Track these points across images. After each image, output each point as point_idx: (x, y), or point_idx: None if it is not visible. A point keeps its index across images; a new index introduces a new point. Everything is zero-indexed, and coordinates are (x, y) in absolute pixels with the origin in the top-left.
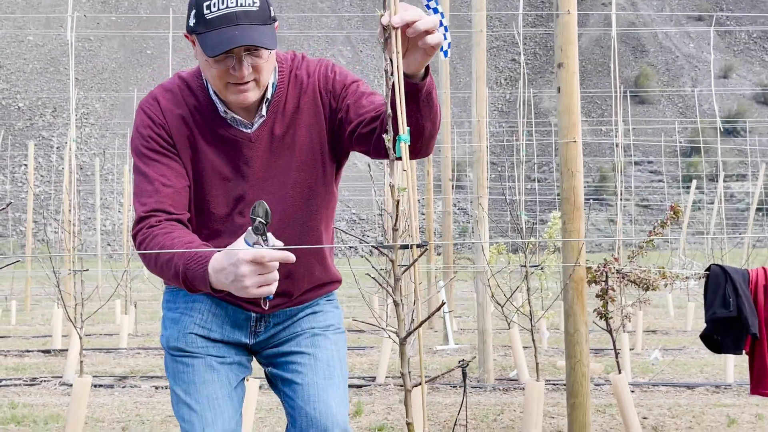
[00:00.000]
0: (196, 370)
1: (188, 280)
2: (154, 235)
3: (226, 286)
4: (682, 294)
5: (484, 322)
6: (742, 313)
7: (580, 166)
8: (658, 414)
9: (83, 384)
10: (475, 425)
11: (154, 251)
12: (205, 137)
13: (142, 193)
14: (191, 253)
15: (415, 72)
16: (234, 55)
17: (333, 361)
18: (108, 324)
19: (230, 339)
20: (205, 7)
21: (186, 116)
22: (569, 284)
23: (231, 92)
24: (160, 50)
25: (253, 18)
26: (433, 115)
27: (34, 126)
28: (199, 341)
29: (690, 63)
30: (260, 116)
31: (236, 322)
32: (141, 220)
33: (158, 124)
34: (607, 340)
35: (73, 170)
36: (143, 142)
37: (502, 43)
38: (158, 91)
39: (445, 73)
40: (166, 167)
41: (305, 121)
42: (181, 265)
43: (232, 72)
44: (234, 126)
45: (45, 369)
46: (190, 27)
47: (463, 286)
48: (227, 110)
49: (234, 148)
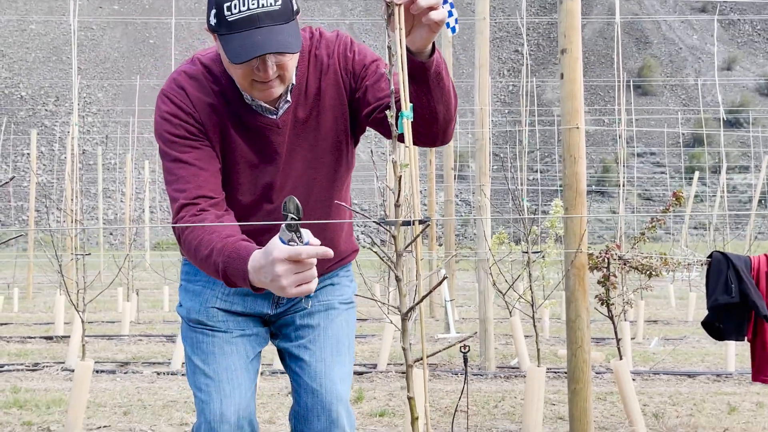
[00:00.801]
0: (216, 342)
1: (229, 278)
2: (193, 228)
3: (266, 285)
4: (683, 285)
5: (485, 310)
6: (749, 298)
7: (582, 152)
8: (659, 402)
9: (85, 368)
10: (475, 411)
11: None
12: (234, 125)
13: (178, 179)
14: (231, 251)
15: (421, 48)
16: (258, 57)
17: (342, 336)
18: (110, 311)
19: (252, 311)
20: (225, 8)
21: (215, 104)
22: (571, 270)
23: (256, 89)
24: (162, 39)
25: (276, 18)
26: (446, 98)
27: (36, 115)
28: (221, 315)
29: (693, 54)
30: (285, 101)
31: (259, 295)
32: (182, 207)
33: (188, 112)
34: (609, 330)
35: (75, 155)
36: (172, 129)
37: (506, 34)
38: (183, 78)
39: (448, 63)
40: (199, 151)
41: (328, 103)
42: (220, 262)
43: (257, 72)
44: (260, 113)
45: (47, 355)
46: (211, 25)
47: (465, 276)
48: (252, 98)
49: (261, 134)
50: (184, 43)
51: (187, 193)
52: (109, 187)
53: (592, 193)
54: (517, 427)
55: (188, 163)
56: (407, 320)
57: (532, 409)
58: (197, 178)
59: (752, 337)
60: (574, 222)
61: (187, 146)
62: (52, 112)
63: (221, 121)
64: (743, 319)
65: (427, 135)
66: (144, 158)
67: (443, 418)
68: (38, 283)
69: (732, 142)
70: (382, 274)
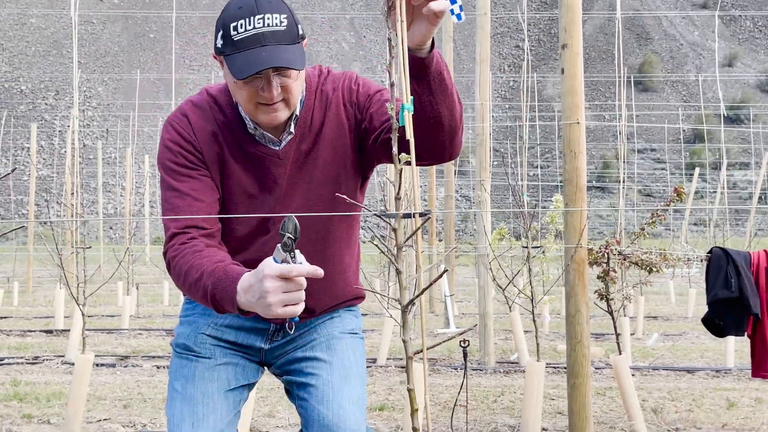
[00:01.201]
0: (198, 367)
1: (217, 300)
2: (184, 253)
3: (253, 305)
4: (683, 281)
5: (485, 305)
6: (744, 294)
7: (583, 147)
8: (658, 397)
9: (85, 361)
10: (475, 406)
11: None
12: (234, 154)
13: (172, 208)
14: (220, 273)
15: (420, 44)
16: (262, 76)
17: (349, 362)
18: (110, 306)
19: (244, 342)
20: (232, 29)
21: (216, 132)
22: (571, 265)
23: (261, 113)
24: (162, 33)
25: (281, 38)
26: (449, 102)
27: (36, 109)
28: (209, 341)
29: (695, 51)
30: (288, 133)
31: (253, 329)
32: (173, 236)
33: (188, 140)
34: (608, 326)
35: (75, 148)
36: (172, 158)
37: (506, 30)
38: (187, 106)
39: (448, 59)
40: (197, 181)
41: (329, 135)
42: (210, 284)
43: (261, 93)
44: (262, 143)
45: (47, 348)
46: (218, 48)
47: (465, 271)
48: (256, 127)
49: (262, 165)
50: (184, 37)
51: (180, 222)
52: (109, 182)
53: (593, 189)
54: (516, 422)
55: (184, 193)
56: (407, 313)
57: (532, 403)
58: (191, 208)
59: (752, 333)
60: (574, 217)
61: (186, 176)
62: (52, 106)
63: (222, 149)
64: (743, 315)
65: (434, 147)
66: (144, 152)
67: (443, 412)
68: (38, 277)
69: (732, 139)
70: (382, 269)
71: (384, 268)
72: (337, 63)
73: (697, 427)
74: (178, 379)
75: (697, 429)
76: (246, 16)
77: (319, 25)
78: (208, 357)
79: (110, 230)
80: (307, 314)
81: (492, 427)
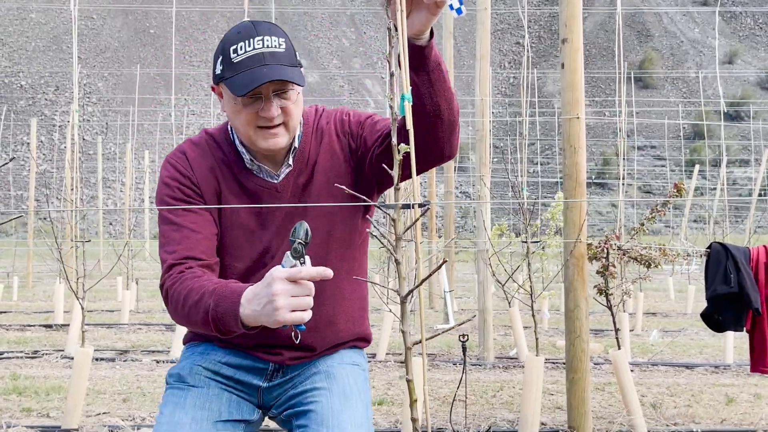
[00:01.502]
0: (189, 395)
1: (219, 318)
2: (183, 279)
3: (258, 314)
4: (682, 278)
5: (484, 301)
6: (744, 289)
7: (582, 142)
8: (657, 392)
9: (85, 354)
10: (474, 401)
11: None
12: (231, 189)
13: (170, 241)
14: (222, 289)
15: (419, 33)
16: (263, 96)
17: (350, 388)
18: (110, 301)
19: (242, 379)
20: (231, 51)
21: (213, 167)
22: (570, 260)
23: (261, 137)
24: (163, 29)
25: (281, 58)
26: (448, 95)
27: (36, 104)
28: (204, 374)
29: (695, 48)
30: (287, 166)
31: (252, 368)
32: (170, 267)
33: (185, 175)
34: (608, 322)
35: (75, 142)
36: (170, 192)
37: (507, 26)
38: (186, 145)
39: (449, 55)
40: (195, 215)
41: (323, 166)
42: (211, 302)
43: (261, 114)
44: (260, 176)
45: (47, 343)
46: (218, 75)
47: (464, 267)
48: (253, 159)
49: (259, 199)
50: (184, 32)
51: (177, 254)
52: (109, 177)
53: (593, 185)
54: (515, 416)
55: (182, 226)
56: (406, 303)
57: (531, 398)
58: (189, 240)
59: (750, 328)
60: (573, 212)
61: (183, 210)
62: (52, 101)
63: (220, 184)
64: (742, 310)
65: (434, 144)
66: (144, 148)
67: (442, 407)
68: (38, 273)
69: (733, 136)
70: (382, 265)
71: (384, 264)
72: (337, 59)
73: (696, 422)
74: (167, 405)
75: (695, 424)
76: (245, 39)
77: (319, 21)
78: (201, 387)
79: (110, 226)
80: (308, 353)
81: (491, 421)
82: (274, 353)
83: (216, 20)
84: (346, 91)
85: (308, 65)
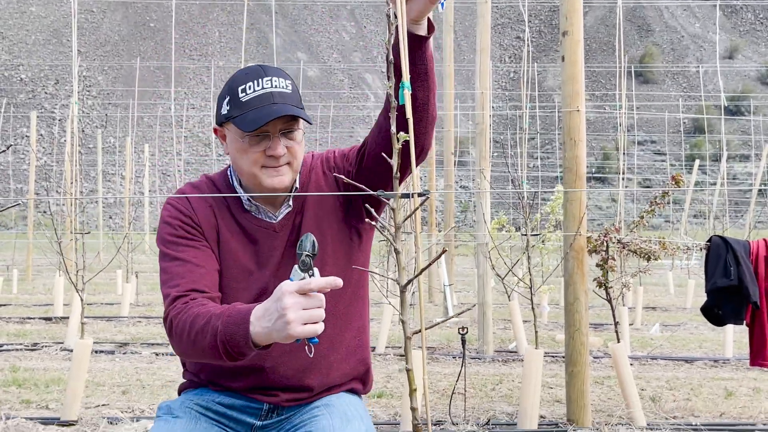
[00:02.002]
0: (178, 422)
1: (227, 340)
2: (188, 308)
3: (270, 330)
4: (682, 273)
5: (484, 294)
6: (743, 282)
7: (582, 135)
8: (657, 386)
9: (84, 346)
10: (473, 394)
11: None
12: (230, 229)
13: (173, 276)
14: (230, 311)
15: (418, 17)
16: (270, 134)
17: (351, 413)
18: (110, 294)
19: (234, 416)
20: (240, 91)
21: (213, 208)
22: (570, 253)
23: (266, 175)
24: (162, 22)
25: (288, 99)
26: (434, 90)
27: (36, 98)
28: (195, 408)
29: (695, 43)
30: (287, 206)
31: (246, 408)
32: (174, 300)
33: (186, 214)
34: (607, 316)
35: (75, 134)
36: (172, 231)
37: (507, 20)
38: (186, 187)
39: (449, 49)
40: (198, 251)
41: (312, 204)
42: (219, 325)
43: (269, 152)
44: (258, 216)
45: (46, 335)
46: (224, 115)
47: (464, 261)
48: (250, 200)
49: (257, 239)
50: (184, 26)
51: (181, 287)
52: (109, 170)
53: (592, 180)
54: (514, 410)
55: (185, 261)
56: (405, 293)
57: (530, 391)
58: (192, 274)
59: (750, 322)
60: (573, 205)
61: (185, 245)
62: (52, 94)
63: (219, 224)
64: (742, 303)
65: (416, 137)
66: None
67: (441, 400)
68: (38, 266)
69: (733, 131)
70: (381, 258)
71: (383, 258)
72: (337, 53)
73: (695, 416)
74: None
75: (695, 417)
76: (254, 79)
77: (319, 14)
78: (190, 419)
79: (110, 219)
80: (305, 393)
81: (490, 414)
82: (269, 395)
83: (216, 13)
84: (346, 85)
85: (308, 59)
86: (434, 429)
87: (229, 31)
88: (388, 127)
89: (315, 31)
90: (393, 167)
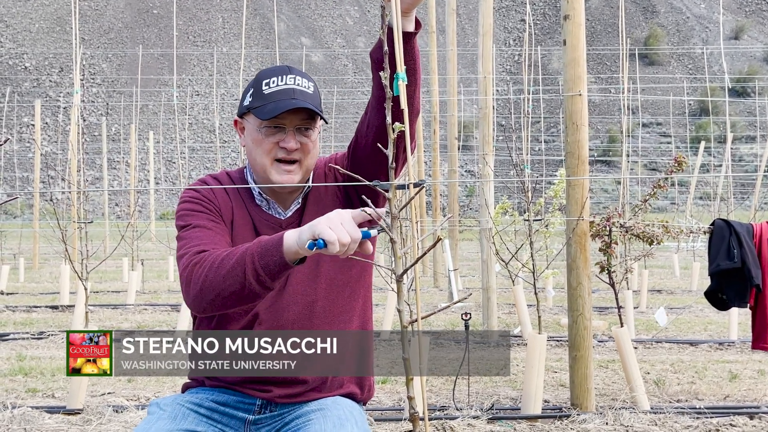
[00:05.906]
0: (163, 417)
1: (260, 260)
2: (206, 256)
3: (301, 231)
4: (688, 255)
5: (488, 279)
6: (746, 264)
7: (585, 119)
8: (661, 369)
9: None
10: (477, 379)
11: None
12: (242, 219)
13: (190, 240)
14: (264, 240)
15: (407, 10)
16: (285, 128)
17: (344, 416)
18: (116, 282)
19: (227, 412)
20: (263, 84)
21: (229, 197)
22: (573, 238)
23: (276, 170)
24: (166, 9)
25: (308, 97)
26: (419, 84)
27: (41, 86)
28: (187, 405)
29: (701, 24)
30: (296, 203)
31: (239, 404)
32: (196, 253)
33: (206, 196)
34: (612, 300)
35: (78, 123)
36: (192, 206)
37: (511, 3)
38: (206, 177)
39: (452, 32)
40: (215, 223)
41: (311, 199)
42: (254, 251)
43: (282, 144)
44: (268, 212)
45: (52, 324)
46: (245, 106)
47: (469, 246)
48: (262, 195)
49: (262, 233)
50: (187, 12)
51: (197, 247)
52: (114, 158)
53: (597, 163)
54: (518, 394)
55: (203, 227)
56: (401, 282)
57: (533, 375)
58: (210, 239)
59: (753, 305)
60: (575, 190)
61: (204, 218)
62: (57, 83)
63: (233, 214)
64: (745, 286)
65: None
66: (148, 129)
67: (445, 384)
68: (44, 254)
69: (739, 112)
70: (386, 245)
71: (388, 245)
72: (341, 38)
73: (699, 399)
74: (139, 426)
75: (699, 400)
76: (279, 75)
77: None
78: (177, 414)
79: (116, 207)
80: (299, 387)
81: (494, 399)
82: (262, 390)
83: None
84: (350, 70)
85: (312, 44)
86: (438, 414)
87: (233, 17)
88: (376, 121)
89: (318, 16)
90: (388, 157)
